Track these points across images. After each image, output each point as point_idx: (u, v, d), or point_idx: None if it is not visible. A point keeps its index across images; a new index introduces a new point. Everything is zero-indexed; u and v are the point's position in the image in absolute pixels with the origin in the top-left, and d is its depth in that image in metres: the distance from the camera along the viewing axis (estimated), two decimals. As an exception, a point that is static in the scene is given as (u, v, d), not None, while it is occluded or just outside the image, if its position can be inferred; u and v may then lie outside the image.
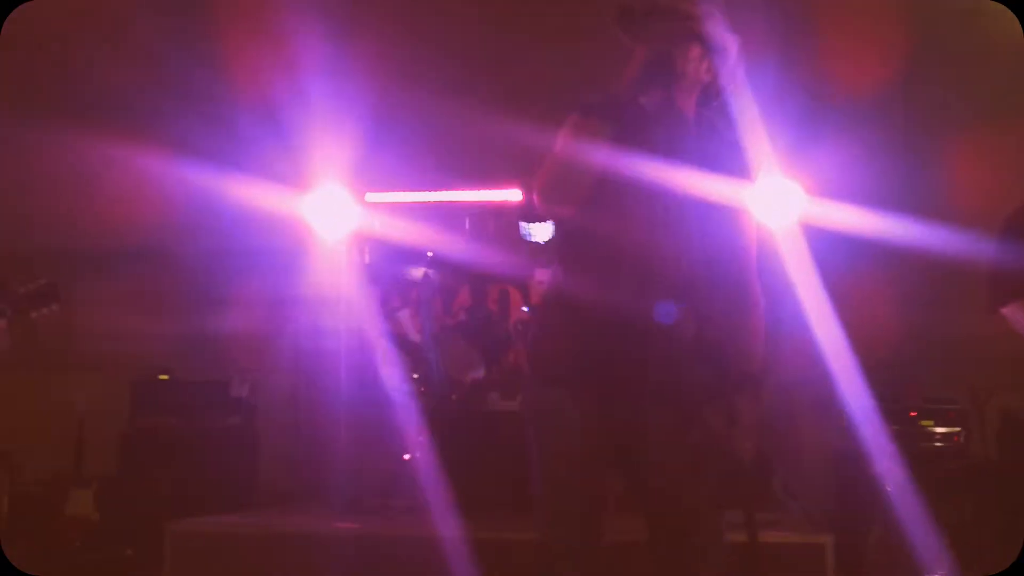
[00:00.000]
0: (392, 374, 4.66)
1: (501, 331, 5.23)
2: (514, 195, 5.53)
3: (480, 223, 5.63)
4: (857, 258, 4.67)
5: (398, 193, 5.76)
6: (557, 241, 2.43)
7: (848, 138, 4.77)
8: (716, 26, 2.24)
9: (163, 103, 4.91)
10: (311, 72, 4.79)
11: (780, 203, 4.88)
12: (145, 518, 4.53)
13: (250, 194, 5.04)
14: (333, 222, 5.55)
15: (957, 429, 4.54)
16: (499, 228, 5.56)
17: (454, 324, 5.31)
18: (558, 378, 2.26)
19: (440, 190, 5.70)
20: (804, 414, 4.99)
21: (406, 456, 4.48)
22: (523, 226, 5.15)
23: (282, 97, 4.98)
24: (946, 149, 4.80)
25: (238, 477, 5.22)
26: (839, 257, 4.52)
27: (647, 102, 2.24)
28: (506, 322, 5.30)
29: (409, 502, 4.32)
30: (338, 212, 5.53)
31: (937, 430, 4.55)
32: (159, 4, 4.83)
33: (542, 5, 4.90)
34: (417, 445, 4.43)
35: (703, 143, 2.26)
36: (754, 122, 2.31)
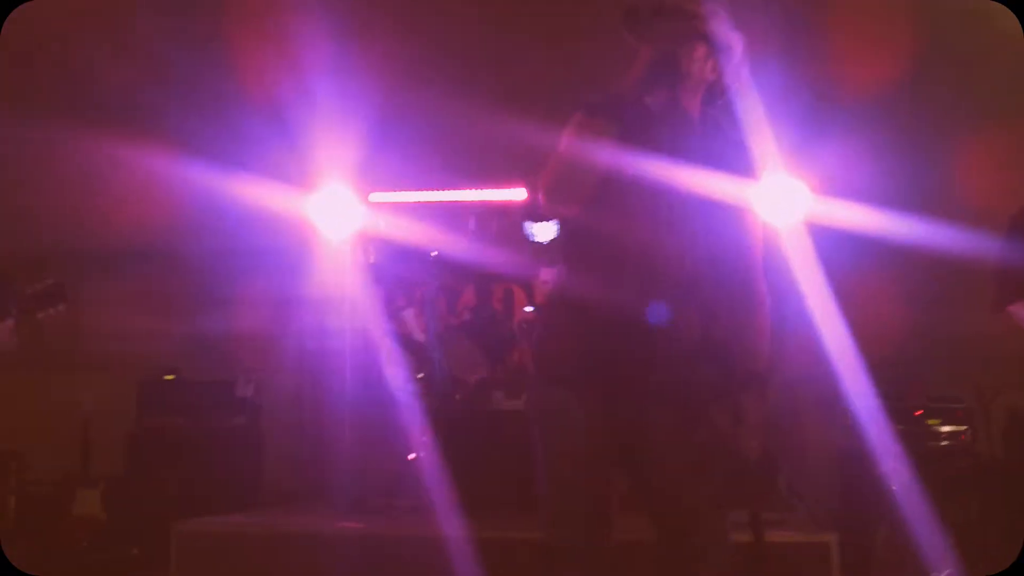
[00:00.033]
0: (396, 374, 4.67)
1: (505, 330, 5.24)
2: (518, 195, 5.53)
3: (484, 223, 5.64)
4: (862, 256, 4.67)
5: (402, 193, 5.76)
6: (561, 240, 2.42)
7: (853, 136, 4.75)
8: (721, 25, 2.24)
9: (168, 103, 4.91)
10: (316, 72, 4.79)
11: (785, 202, 4.87)
12: (151, 518, 4.56)
13: (255, 194, 5.05)
14: (338, 222, 5.55)
15: (963, 428, 4.53)
16: (503, 228, 5.57)
17: (458, 323, 5.32)
18: (563, 378, 2.26)
19: (444, 190, 5.70)
20: (809, 413, 4.98)
21: (410, 456, 4.48)
22: (527, 225, 5.15)
23: (287, 97, 4.99)
24: (952, 147, 4.79)
25: (243, 477, 5.24)
26: (844, 256, 4.51)
27: (652, 101, 2.24)
28: (510, 321, 5.30)
29: (413, 502, 4.32)
30: (343, 212, 5.53)
31: (943, 429, 4.54)
32: (162, 4, 4.83)
33: (546, 5, 4.89)
34: (421, 445, 4.43)
35: (708, 142, 2.25)
36: (759, 121, 2.31)
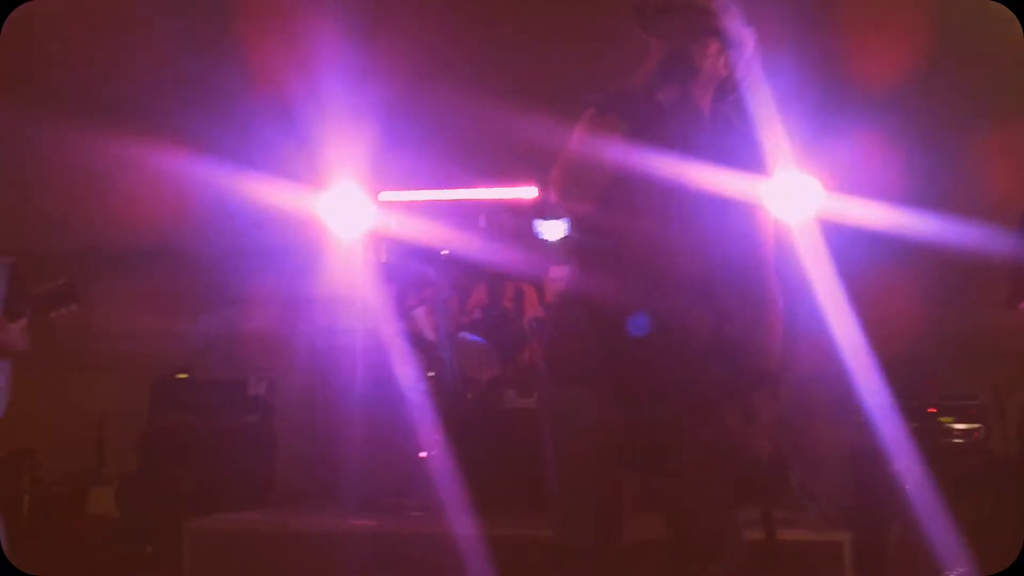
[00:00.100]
0: (407, 373, 4.67)
1: (516, 329, 5.23)
2: (529, 193, 5.53)
3: (495, 221, 5.63)
4: (875, 253, 4.64)
5: (413, 191, 5.77)
6: (572, 238, 2.41)
7: (866, 133, 4.73)
8: (733, 20, 2.22)
9: (178, 102, 4.92)
10: (326, 70, 4.79)
11: (797, 198, 4.85)
12: (164, 516, 4.57)
13: (266, 193, 5.06)
14: (348, 221, 5.56)
15: (977, 426, 4.50)
16: (514, 226, 5.56)
17: (469, 322, 5.32)
18: (574, 377, 2.25)
19: (455, 188, 5.70)
20: (822, 411, 4.96)
21: (422, 454, 4.48)
22: (538, 224, 5.14)
23: (297, 96, 4.99)
24: (965, 144, 4.75)
25: (256, 475, 5.26)
26: (857, 252, 4.49)
27: (663, 98, 2.22)
28: (521, 320, 5.30)
29: (425, 500, 4.32)
30: (353, 211, 5.54)
31: (957, 427, 4.51)
32: (169, 3, 4.84)
33: (556, 3, 4.88)
34: (432, 443, 4.43)
35: (719, 138, 2.24)
36: (771, 117, 2.29)
